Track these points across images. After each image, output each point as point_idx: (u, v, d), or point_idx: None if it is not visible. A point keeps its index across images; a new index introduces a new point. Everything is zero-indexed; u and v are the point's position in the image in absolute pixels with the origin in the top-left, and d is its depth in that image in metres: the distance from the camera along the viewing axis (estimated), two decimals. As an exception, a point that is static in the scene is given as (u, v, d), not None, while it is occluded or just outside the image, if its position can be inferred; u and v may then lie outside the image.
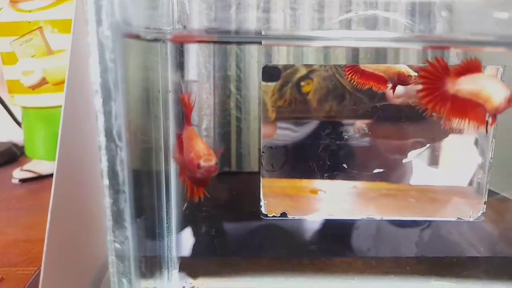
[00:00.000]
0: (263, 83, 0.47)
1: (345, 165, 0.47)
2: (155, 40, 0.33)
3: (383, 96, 0.45)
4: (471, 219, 0.45)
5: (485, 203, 0.44)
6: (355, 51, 0.64)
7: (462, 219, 0.45)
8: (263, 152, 0.46)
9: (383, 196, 0.50)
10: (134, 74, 0.31)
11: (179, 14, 0.41)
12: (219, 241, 0.47)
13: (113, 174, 0.26)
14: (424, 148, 0.45)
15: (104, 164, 0.26)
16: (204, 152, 0.31)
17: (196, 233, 0.46)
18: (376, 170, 0.47)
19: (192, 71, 0.67)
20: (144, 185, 0.34)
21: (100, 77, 0.24)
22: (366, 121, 0.46)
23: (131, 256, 0.28)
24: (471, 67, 0.36)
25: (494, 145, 0.44)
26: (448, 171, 0.48)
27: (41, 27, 0.71)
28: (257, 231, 0.47)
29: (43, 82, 0.72)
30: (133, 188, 0.28)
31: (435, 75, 0.36)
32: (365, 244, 0.50)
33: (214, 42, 0.51)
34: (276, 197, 0.48)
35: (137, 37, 0.29)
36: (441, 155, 0.47)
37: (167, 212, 0.41)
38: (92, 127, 0.25)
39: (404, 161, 0.46)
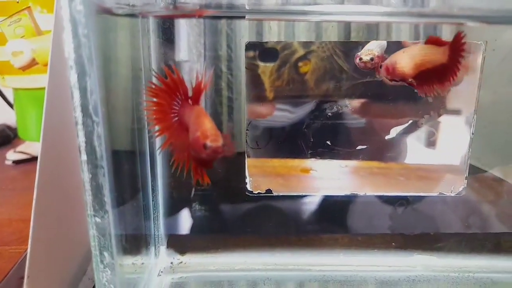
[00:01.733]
0: (261, 63, 0.47)
1: (328, 142, 0.48)
2: (131, 15, 0.33)
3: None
4: (452, 194, 0.45)
5: (466, 178, 0.45)
6: (347, 29, 0.63)
7: (444, 194, 0.46)
8: (247, 130, 0.46)
9: (373, 175, 0.50)
10: (112, 50, 0.31)
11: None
12: (206, 218, 0.47)
13: (90, 149, 0.26)
14: (406, 124, 0.46)
15: (81, 140, 0.26)
16: (211, 132, 0.29)
17: (183, 211, 0.47)
18: (359, 147, 0.48)
19: (183, 51, 0.67)
20: (126, 162, 0.34)
21: (74, 53, 0.24)
22: (362, 100, 0.46)
23: (112, 230, 0.28)
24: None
25: (475, 123, 0.44)
26: (436, 149, 0.49)
27: (29, 7, 0.71)
28: (244, 208, 0.48)
29: (33, 63, 0.71)
30: (112, 164, 0.29)
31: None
32: (353, 221, 0.51)
33: (199, 16, 0.50)
34: (266, 176, 0.49)
35: (110, 12, 0.29)
36: (428, 134, 0.48)
37: (153, 190, 0.42)
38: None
39: (387, 137, 0.46)
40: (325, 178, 0.50)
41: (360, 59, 0.41)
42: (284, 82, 0.48)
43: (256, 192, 0.45)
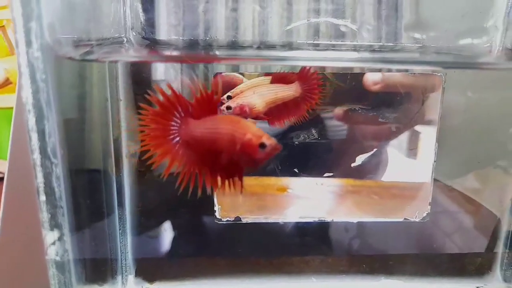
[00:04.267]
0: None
1: (296, 170, 0.48)
2: (88, 60, 0.33)
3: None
4: (417, 220, 0.46)
5: (429, 204, 0.46)
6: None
7: (408, 219, 0.47)
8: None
9: (348, 193, 0.50)
10: (74, 89, 0.31)
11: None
12: (175, 242, 0.47)
13: (50, 190, 0.26)
14: (374, 150, 0.47)
15: (39, 181, 0.26)
16: (261, 132, 0.28)
17: (150, 236, 0.47)
18: (326, 174, 0.48)
19: (160, 69, 0.67)
20: (89, 195, 0.34)
21: (32, 98, 0.25)
22: (345, 108, 0.46)
23: (72, 268, 0.29)
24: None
25: (437, 147, 0.45)
26: (411, 166, 0.49)
27: (3, 26, 0.70)
28: (214, 232, 0.48)
29: (6, 82, 0.71)
30: (73, 201, 0.29)
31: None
32: (323, 242, 0.51)
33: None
34: (242, 196, 0.49)
35: (70, 58, 0.29)
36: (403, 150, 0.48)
37: (120, 217, 0.42)
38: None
39: (352, 165, 0.47)
40: (301, 197, 0.50)
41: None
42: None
43: (225, 220, 0.46)
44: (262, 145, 0.28)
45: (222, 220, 0.45)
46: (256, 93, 0.39)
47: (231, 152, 0.29)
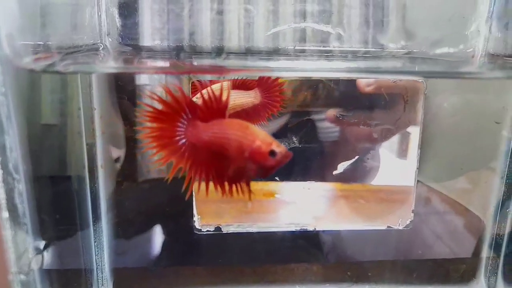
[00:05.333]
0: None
1: (277, 178, 0.47)
2: (50, 72, 0.32)
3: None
4: (400, 228, 0.46)
5: (413, 211, 0.46)
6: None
7: (391, 227, 0.46)
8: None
9: (336, 197, 0.50)
10: (40, 100, 0.30)
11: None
12: (153, 254, 0.46)
13: (12, 206, 0.25)
14: (354, 159, 0.46)
15: (1, 197, 0.25)
16: (271, 139, 0.28)
17: (129, 247, 0.46)
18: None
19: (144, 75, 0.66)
20: (59, 206, 0.33)
21: (-9, 111, 0.24)
22: (338, 109, 0.46)
23: (38, 286, 0.27)
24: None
25: (419, 155, 0.45)
26: (393, 173, 0.49)
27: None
28: (195, 241, 0.47)
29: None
30: (40, 214, 0.28)
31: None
32: (307, 250, 0.51)
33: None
34: (227, 202, 0.48)
35: (32, 70, 0.28)
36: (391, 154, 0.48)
37: (95, 228, 0.41)
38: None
39: (334, 172, 0.46)
40: (288, 202, 0.50)
41: None
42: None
43: (205, 230, 0.45)
44: (272, 153, 0.28)
45: (202, 230, 0.44)
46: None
47: (239, 159, 0.29)
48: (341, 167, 0.46)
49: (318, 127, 0.47)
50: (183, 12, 0.43)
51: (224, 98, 0.30)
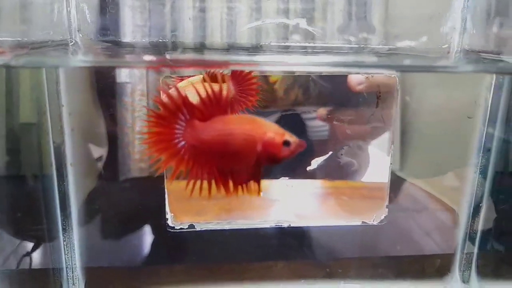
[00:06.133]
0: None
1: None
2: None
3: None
4: (375, 223, 0.46)
5: (387, 206, 0.46)
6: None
7: (366, 223, 0.46)
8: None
9: (318, 194, 0.50)
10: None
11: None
12: (127, 252, 0.46)
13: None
14: (327, 155, 0.46)
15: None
16: (281, 130, 0.28)
17: (101, 245, 0.45)
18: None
19: (124, 71, 0.65)
20: (23, 206, 0.33)
21: None
22: (329, 108, 0.46)
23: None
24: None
25: (393, 150, 0.45)
26: (367, 169, 0.49)
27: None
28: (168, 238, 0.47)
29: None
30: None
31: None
32: (285, 247, 0.50)
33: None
34: (210, 199, 0.47)
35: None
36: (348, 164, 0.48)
37: (64, 227, 0.40)
38: None
39: (308, 168, 0.46)
40: (271, 199, 0.49)
41: None
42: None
43: (178, 228, 0.44)
44: (286, 143, 0.28)
45: (175, 228, 0.44)
46: (187, 91, 0.38)
47: (249, 153, 0.29)
48: (315, 162, 0.46)
49: (306, 125, 0.47)
50: (165, 9, 0.43)
51: (224, 93, 0.29)
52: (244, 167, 0.30)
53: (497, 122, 0.44)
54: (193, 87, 0.30)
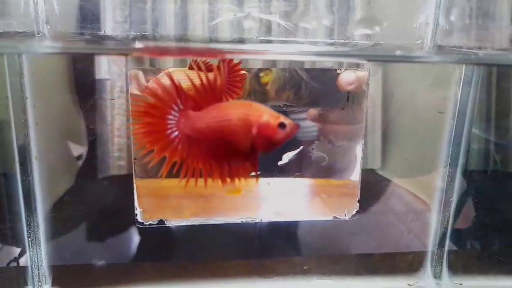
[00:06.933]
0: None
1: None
2: None
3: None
4: (346, 218, 0.46)
5: (358, 201, 0.46)
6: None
7: (338, 218, 0.46)
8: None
9: (298, 193, 0.49)
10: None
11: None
12: (94, 250, 0.45)
13: None
14: (297, 150, 0.46)
15: None
16: (276, 113, 0.28)
17: (67, 242, 0.44)
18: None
19: (104, 68, 0.64)
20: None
21: None
22: (318, 108, 0.45)
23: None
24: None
25: (364, 146, 0.45)
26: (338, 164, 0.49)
27: None
28: (138, 235, 0.46)
29: None
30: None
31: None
32: (259, 244, 0.50)
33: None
34: (188, 198, 0.46)
35: None
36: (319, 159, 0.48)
37: (29, 223, 0.39)
38: None
39: (279, 163, 0.46)
40: (251, 198, 0.49)
41: None
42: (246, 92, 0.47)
43: (147, 224, 0.43)
44: (282, 125, 0.28)
45: (144, 224, 0.43)
46: (179, 79, 0.37)
47: (245, 137, 0.28)
48: (286, 157, 0.45)
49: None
50: (146, 5, 0.43)
51: (218, 82, 0.29)
52: (239, 153, 0.29)
53: (466, 116, 0.45)
54: (185, 75, 0.29)
